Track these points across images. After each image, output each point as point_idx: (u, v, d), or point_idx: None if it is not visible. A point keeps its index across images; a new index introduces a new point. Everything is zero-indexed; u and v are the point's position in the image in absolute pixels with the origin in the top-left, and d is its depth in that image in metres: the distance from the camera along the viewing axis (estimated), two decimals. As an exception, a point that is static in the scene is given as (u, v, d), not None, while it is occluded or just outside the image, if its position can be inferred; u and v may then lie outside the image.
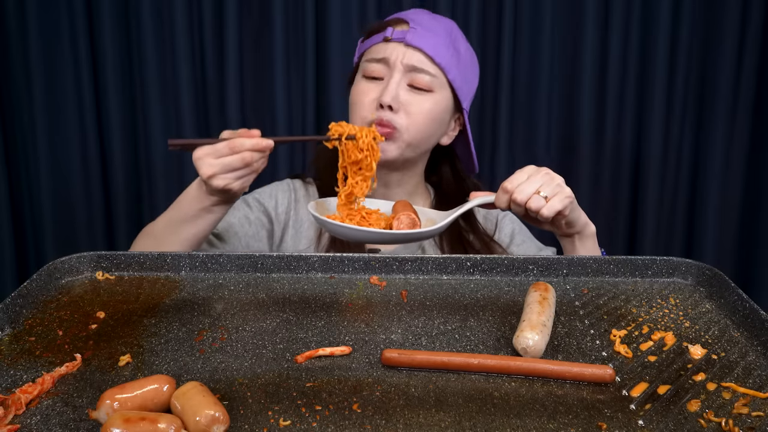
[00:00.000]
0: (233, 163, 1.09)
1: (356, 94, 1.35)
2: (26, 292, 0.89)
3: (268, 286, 0.97)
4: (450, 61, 1.31)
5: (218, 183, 1.09)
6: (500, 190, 1.12)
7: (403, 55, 1.29)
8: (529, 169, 1.13)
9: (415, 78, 1.29)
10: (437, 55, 1.29)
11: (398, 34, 1.30)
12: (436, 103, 1.31)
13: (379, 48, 1.32)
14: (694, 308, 0.91)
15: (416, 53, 1.28)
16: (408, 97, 1.29)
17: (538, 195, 1.08)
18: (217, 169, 1.08)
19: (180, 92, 2.03)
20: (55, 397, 0.68)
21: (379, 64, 1.31)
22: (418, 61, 1.28)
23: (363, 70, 1.35)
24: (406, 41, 1.28)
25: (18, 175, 2.09)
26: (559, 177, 1.12)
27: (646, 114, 2.09)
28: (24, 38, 1.97)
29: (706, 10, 2.03)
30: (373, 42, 1.34)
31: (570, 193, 1.10)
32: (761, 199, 2.12)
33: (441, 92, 1.32)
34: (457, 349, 0.80)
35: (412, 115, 1.29)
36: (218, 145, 1.09)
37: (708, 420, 0.66)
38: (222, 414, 0.61)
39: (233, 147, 1.09)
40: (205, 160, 1.09)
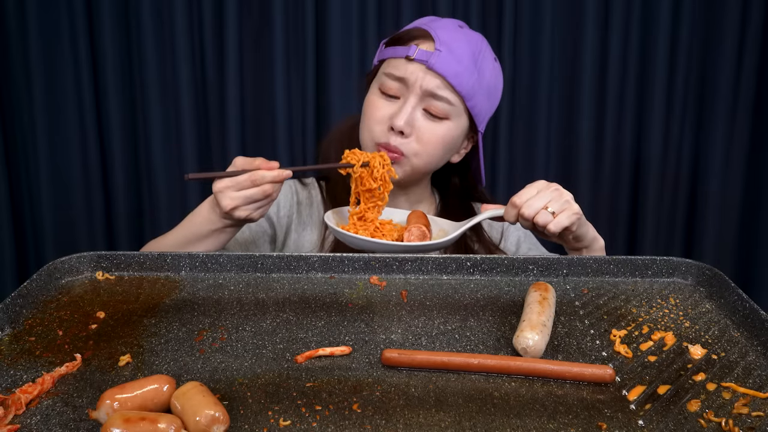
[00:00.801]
0: (254, 195, 1.11)
1: (369, 107, 1.30)
2: (26, 292, 0.89)
3: (268, 286, 0.97)
4: (472, 88, 1.25)
5: (240, 214, 1.11)
6: (509, 204, 1.13)
7: (422, 78, 1.23)
8: (538, 184, 1.13)
9: (432, 104, 1.24)
10: (459, 83, 1.23)
11: (422, 55, 1.23)
12: (450, 131, 1.27)
13: (399, 64, 1.25)
14: (694, 308, 0.91)
15: (437, 78, 1.22)
16: (422, 122, 1.25)
17: (546, 210, 1.09)
18: (239, 202, 1.10)
19: (180, 92, 2.03)
20: (55, 397, 0.68)
21: (397, 83, 1.26)
22: (438, 87, 1.23)
23: (380, 82, 1.29)
24: (428, 64, 1.22)
25: (18, 176, 2.09)
26: (568, 193, 1.12)
27: (646, 114, 2.09)
28: (24, 38, 1.97)
29: (706, 10, 2.03)
30: (395, 54, 1.27)
31: (578, 210, 1.11)
32: (761, 199, 2.12)
33: (457, 120, 1.27)
34: (457, 349, 0.80)
35: (423, 142, 1.25)
36: (239, 178, 1.10)
37: (708, 420, 0.66)
38: (222, 414, 0.61)
39: (254, 180, 1.10)
40: (226, 193, 1.10)
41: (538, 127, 2.10)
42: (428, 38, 1.25)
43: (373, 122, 1.28)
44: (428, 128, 1.25)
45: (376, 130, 1.27)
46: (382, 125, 1.26)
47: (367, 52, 2.04)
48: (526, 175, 2.14)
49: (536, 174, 2.13)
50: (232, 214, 1.11)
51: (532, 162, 2.13)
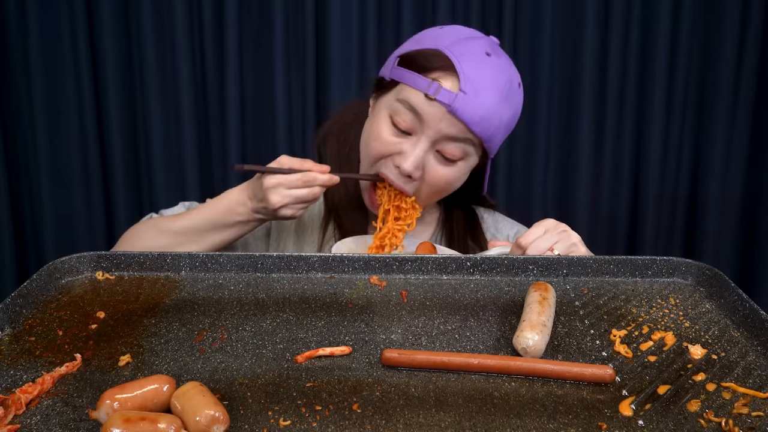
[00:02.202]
0: (305, 197, 1.13)
1: (377, 138, 1.18)
2: (26, 292, 0.89)
3: (268, 286, 0.97)
4: (493, 130, 1.15)
5: (286, 212, 1.13)
6: (515, 244, 1.12)
7: (441, 120, 1.12)
8: (546, 223, 1.11)
9: (447, 147, 1.15)
10: (481, 129, 1.13)
11: (444, 96, 1.11)
12: (460, 171, 1.20)
13: (417, 98, 1.13)
14: (694, 308, 0.91)
15: (458, 124, 1.12)
16: (432, 166, 1.17)
17: (552, 252, 1.08)
18: (289, 200, 1.12)
19: (180, 92, 2.03)
20: (55, 397, 0.68)
21: (412, 116, 1.14)
22: (457, 131, 1.13)
23: (392, 110, 1.17)
24: (450, 109, 1.11)
25: (18, 175, 2.09)
26: (575, 235, 1.11)
27: (646, 115, 2.09)
28: (24, 38, 1.97)
29: (706, 10, 2.03)
30: (414, 83, 1.14)
31: (585, 252, 1.10)
32: (761, 200, 2.12)
33: (470, 158, 1.20)
34: (457, 349, 0.80)
35: (430, 184, 1.19)
36: (291, 177, 1.12)
37: (708, 420, 0.66)
38: (222, 414, 0.61)
39: (307, 181, 1.12)
40: (278, 189, 1.11)
41: (538, 128, 2.10)
42: (452, 72, 1.12)
43: (377, 154, 1.19)
44: (438, 172, 1.18)
45: (382, 164, 1.20)
46: (388, 161, 1.18)
47: (367, 53, 2.05)
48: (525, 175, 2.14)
49: (535, 175, 2.13)
50: (277, 212, 1.12)
51: (532, 162, 2.13)
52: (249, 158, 2.11)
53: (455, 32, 1.20)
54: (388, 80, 1.21)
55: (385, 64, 1.25)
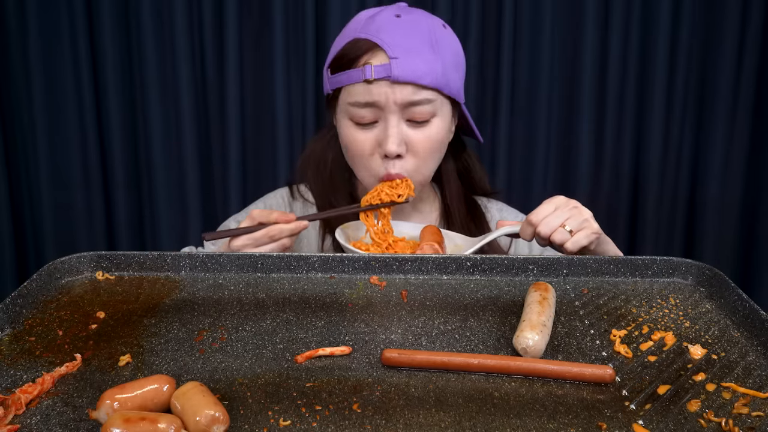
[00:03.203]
0: (273, 250, 1.12)
1: (352, 143, 1.21)
2: (26, 292, 0.89)
3: (268, 286, 0.97)
4: (442, 76, 1.16)
5: None
6: (525, 221, 1.11)
7: (392, 93, 1.14)
8: (556, 200, 1.11)
9: (414, 112, 1.16)
10: (431, 80, 1.15)
11: (380, 71, 1.13)
12: (438, 128, 1.21)
13: (360, 90, 1.16)
14: (694, 308, 0.91)
15: (406, 87, 1.14)
16: (411, 135, 1.18)
17: (563, 228, 1.07)
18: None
19: (180, 92, 2.03)
20: (55, 397, 0.68)
21: (368, 109, 1.17)
22: (411, 93, 1.15)
23: (349, 114, 1.20)
24: (392, 78, 1.13)
25: (18, 176, 2.09)
26: (587, 211, 1.10)
27: (646, 115, 2.09)
28: (24, 38, 1.97)
29: (706, 10, 2.03)
30: (349, 80, 1.17)
31: (597, 229, 1.09)
32: (761, 199, 2.12)
33: (441, 111, 1.20)
34: (457, 349, 0.80)
35: (419, 154, 1.20)
36: (256, 235, 1.11)
37: (708, 420, 0.66)
38: (222, 414, 0.61)
39: (272, 236, 1.11)
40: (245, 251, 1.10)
41: (538, 128, 2.10)
42: (375, 49, 1.15)
43: (363, 158, 1.21)
44: (419, 138, 1.19)
45: (372, 165, 1.21)
46: (374, 157, 1.20)
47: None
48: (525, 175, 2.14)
49: (535, 175, 2.13)
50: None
51: (532, 162, 2.13)
52: (249, 159, 2.11)
53: (361, 17, 1.24)
54: (331, 92, 1.25)
55: (323, 82, 1.28)
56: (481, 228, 1.35)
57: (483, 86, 2.07)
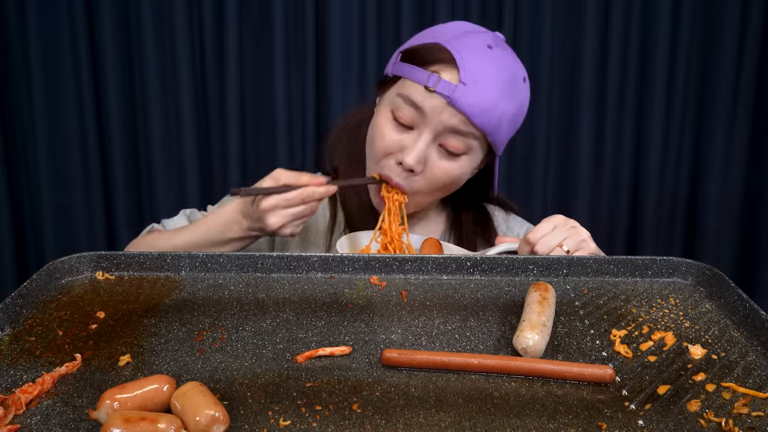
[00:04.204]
0: (303, 213, 1.11)
1: (379, 136, 1.18)
2: (26, 292, 0.89)
3: (268, 286, 0.97)
4: (498, 123, 1.13)
5: (286, 231, 1.12)
6: (523, 240, 1.11)
7: (442, 113, 1.11)
8: (555, 219, 1.10)
9: (450, 141, 1.14)
10: (484, 121, 1.11)
11: (444, 88, 1.09)
12: (464, 167, 1.18)
13: (417, 91, 1.12)
14: (694, 308, 0.91)
15: (458, 115, 1.11)
16: (435, 160, 1.15)
17: (561, 248, 1.07)
18: (288, 219, 1.10)
19: (180, 92, 2.03)
20: (55, 397, 0.68)
21: (413, 110, 1.13)
22: (459, 124, 1.12)
23: (393, 105, 1.16)
24: (450, 100, 1.09)
25: (18, 175, 2.09)
26: (585, 232, 1.10)
27: (646, 114, 2.09)
28: (24, 38, 1.97)
29: (706, 10, 2.03)
30: (413, 76, 1.13)
31: (594, 249, 1.09)
32: (761, 200, 2.12)
33: (475, 152, 1.17)
34: (457, 349, 0.80)
35: (432, 180, 1.17)
36: (289, 196, 1.10)
37: (708, 420, 0.66)
38: (222, 414, 0.61)
39: (305, 197, 1.10)
40: (275, 212, 1.10)
41: (538, 128, 2.10)
42: (452, 64, 1.11)
43: (380, 152, 1.18)
44: (441, 167, 1.16)
45: (383, 163, 1.18)
46: (389, 157, 1.18)
47: (367, 52, 2.05)
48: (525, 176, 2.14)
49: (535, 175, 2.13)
50: (277, 232, 1.11)
51: (532, 162, 2.13)
52: (249, 158, 2.11)
53: (458, 27, 1.19)
54: (390, 76, 1.20)
55: (389, 62, 1.24)
56: (488, 235, 1.34)
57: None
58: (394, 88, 1.18)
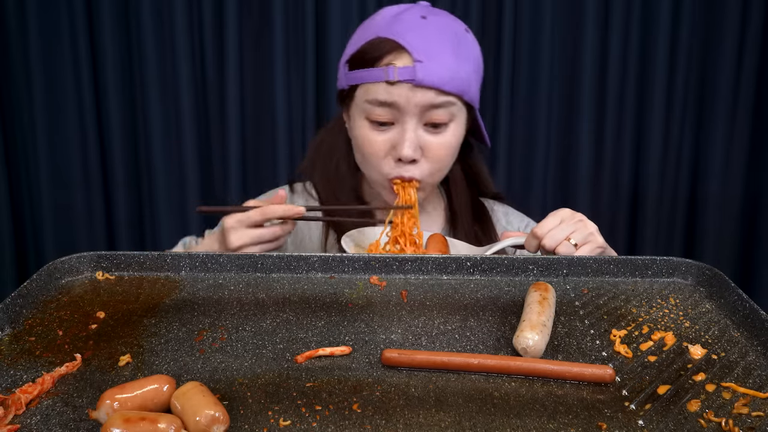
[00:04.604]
0: (263, 236, 1.10)
1: (366, 144, 1.19)
2: (26, 292, 0.89)
3: (268, 286, 0.97)
4: (464, 81, 1.16)
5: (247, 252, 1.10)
6: (530, 234, 1.11)
7: (413, 96, 1.13)
8: (562, 213, 1.11)
9: (432, 116, 1.15)
10: (453, 86, 1.14)
11: (403, 74, 1.11)
12: (455, 133, 1.20)
13: (381, 90, 1.14)
14: (694, 308, 0.91)
15: (428, 91, 1.13)
16: (427, 140, 1.17)
17: (568, 242, 1.07)
18: (246, 240, 1.09)
19: (180, 92, 2.03)
20: (55, 397, 0.68)
21: (386, 108, 1.15)
22: (433, 97, 1.13)
23: (365, 112, 1.18)
24: (415, 82, 1.11)
25: (18, 175, 2.09)
26: (592, 225, 1.10)
27: (646, 114, 2.09)
28: (24, 38, 1.97)
29: (706, 10, 2.03)
30: (371, 79, 1.15)
31: (602, 242, 1.09)
32: (761, 200, 2.12)
33: (459, 117, 1.20)
34: (457, 349, 0.80)
35: (434, 159, 1.19)
36: (250, 213, 1.09)
37: (708, 420, 0.66)
38: (222, 414, 0.61)
39: (265, 213, 1.09)
40: (237, 230, 1.09)
41: (538, 127, 2.10)
42: (399, 50, 1.13)
43: (377, 159, 1.19)
44: (435, 143, 1.18)
45: (384, 167, 1.19)
46: (387, 159, 1.19)
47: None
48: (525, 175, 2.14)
49: (535, 175, 2.13)
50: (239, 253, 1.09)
51: (532, 162, 2.13)
52: (249, 158, 2.11)
53: (386, 13, 1.21)
54: (347, 89, 1.22)
55: (338, 77, 1.26)
56: (487, 230, 1.35)
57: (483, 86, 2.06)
58: (357, 97, 1.20)
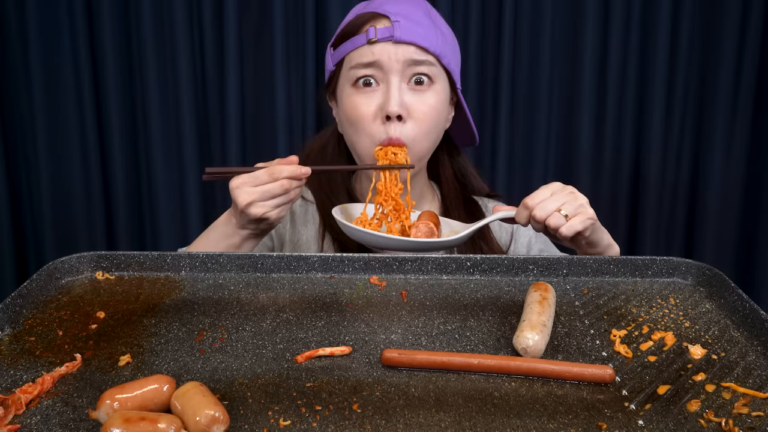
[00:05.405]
0: (272, 189, 1.08)
1: (353, 108, 1.22)
2: (26, 292, 0.89)
3: (268, 286, 0.97)
4: (441, 45, 1.21)
5: (256, 211, 1.08)
6: (521, 205, 1.11)
7: (395, 52, 1.18)
8: (553, 186, 1.11)
9: (416, 72, 1.20)
10: (430, 44, 1.19)
11: (383, 33, 1.18)
12: (438, 96, 1.23)
13: (364, 52, 1.20)
14: (694, 308, 0.91)
15: (408, 47, 1.18)
16: (412, 98, 1.20)
17: (559, 213, 1.07)
18: (255, 196, 1.07)
19: (180, 92, 2.03)
20: (55, 397, 0.68)
21: (370, 69, 1.20)
22: (413, 53, 1.18)
23: (350, 78, 1.22)
24: (394, 39, 1.17)
25: (18, 175, 2.09)
26: (583, 197, 1.10)
27: (646, 114, 2.09)
28: (24, 37, 1.97)
29: (706, 10, 2.03)
30: (353, 46, 1.21)
31: (592, 215, 1.09)
32: (761, 200, 2.12)
33: (440, 81, 1.23)
34: (457, 349, 0.80)
35: (419, 120, 1.21)
36: (257, 173, 1.08)
37: (708, 420, 0.66)
38: (222, 414, 0.61)
39: (272, 174, 1.08)
40: (243, 188, 1.08)
41: (538, 128, 2.10)
42: (378, 16, 1.21)
43: (365, 123, 1.21)
44: (420, 103, 1.21)
45: (373, 130, 1.21)
46: (375, 122, 1.21)
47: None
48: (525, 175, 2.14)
49: (535, 175, 2.13)
50: (248, 212, 1.08)
51: (532, 162, 2.13)
52: (249, 158, 2.10)
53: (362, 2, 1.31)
54: (333, 67, 1.28)
55: (326, 66, 1.32)
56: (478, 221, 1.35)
57: (483, 86, 2.07)
58: (343, 70, 1.25)
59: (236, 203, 1.09)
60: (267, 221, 1.11)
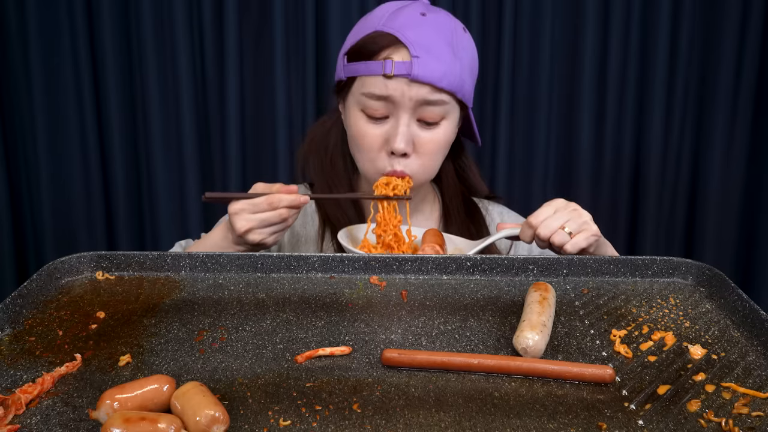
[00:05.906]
0: (270, 218, 1.10)
1: (360, 135, 1.22)
2: (26, 292, 0.89)
3: (268, 286, 0.97)
4: (458, 77, 1.18)
5: (254, 238, 1.10)
6: (525, 223, 1.11)
7: (408, 91, 1.15)
8: (556, 203, 1.12)
9: (426, 112, 1.18)
10: (447, 83, 1.16)
11: (400, 68, 1.14)
12: (447, 131, 1.22)
13: (377, 82, 1.17)
14: (694, 308, 0.91)
15: (423, 87, 1.15)
16: (420, 135, 1.19)
17: (563, 230, 1.07)
18: (254, 224, 1.09)
19: (180, 92, 2.03)
20: (55, 397, 0.68)
21: (381, 102, 1.18)
22: (427, 93, 1.16)
23: (361, 104, 1.21)
24: (411, 77, 1.14)
25: (18, 175, 2.09)
26: (587, 214, 1.11)
27: (646, 114, 2.09)
28: (24, 37, 1.97)
29: (706, 10, 2.03)
30: (368, 71, 1.18)
31: (596, 231, 1.09)
32: (761, 200, 2.12)
33: (452, 115, 1.22)
34: (457, 349, 0.80)
35: (425, 155, 1.21)
36: (256, 200, 1.10)
37: (708, 420, 0.66)
38: (222, 414, 0.61)
39: (272, 203, 1.09)
40: (242, 215, 1.09)
41: (538, 128, 2.10)
42: (398, 44, 1.16)
43: (371, 153, 1.22)
44: (428, 139, 1.20)
45: (377, 160, 1.21)
46: (381, 153, 1.21)
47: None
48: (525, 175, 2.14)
49: (535, 175, 2.13)
50: (245, 238, 1.10)
51: (532, 162, 2.13)
52: (249, 158, 2.11)
53: (385, 9, 1.23)
54: (344, 80, 1.24)
55: (337, 68, 1.28)
56: (479, 229, 1.36)
57: (483, 86, 2.07)
58: (354, 89, 1.22)
59: (235, 228, 1.10)
60: (264, 246, 1.14)
